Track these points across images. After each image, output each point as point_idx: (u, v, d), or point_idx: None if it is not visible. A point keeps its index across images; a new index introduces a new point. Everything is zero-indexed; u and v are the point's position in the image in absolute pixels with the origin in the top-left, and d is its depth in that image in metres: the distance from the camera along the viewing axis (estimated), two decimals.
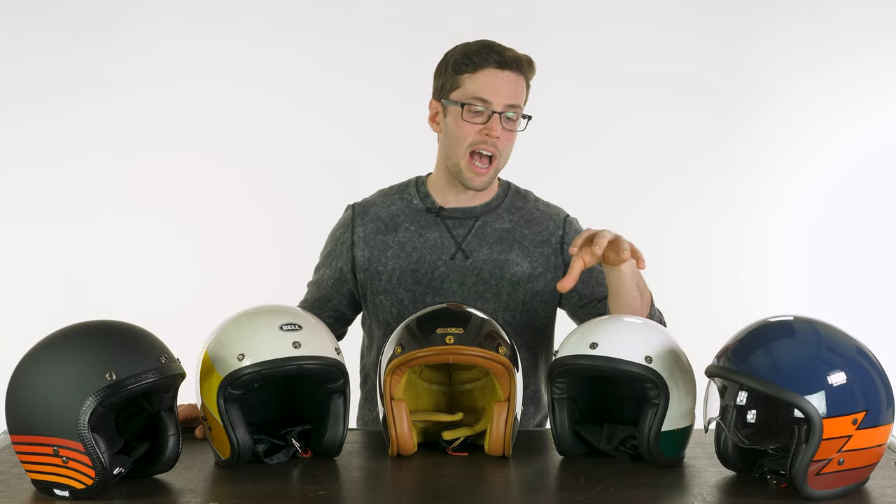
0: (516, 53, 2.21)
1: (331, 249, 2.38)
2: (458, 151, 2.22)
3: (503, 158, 2.24)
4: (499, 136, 2.18)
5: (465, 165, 2.22)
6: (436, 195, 2.32)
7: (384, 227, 2.31)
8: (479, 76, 2.18)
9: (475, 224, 2.30)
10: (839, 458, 1.65)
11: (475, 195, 2.30)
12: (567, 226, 2.33)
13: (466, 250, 2.28)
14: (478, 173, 2.22)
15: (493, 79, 2.18)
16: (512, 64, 2.19)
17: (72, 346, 1.70)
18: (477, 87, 2.18)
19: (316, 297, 2.38)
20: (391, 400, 1.88)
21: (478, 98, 2.18)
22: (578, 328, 1.93)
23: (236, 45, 4.00)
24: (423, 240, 2.29)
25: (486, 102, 2.18)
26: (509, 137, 2.22)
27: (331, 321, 2.34)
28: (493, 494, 1.76)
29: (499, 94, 2.18)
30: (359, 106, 3.99)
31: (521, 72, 2.21)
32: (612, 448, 1.90)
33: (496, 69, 2.18)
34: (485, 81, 2.18)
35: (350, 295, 2.37)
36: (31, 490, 1.72)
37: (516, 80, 2.20)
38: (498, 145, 2.20)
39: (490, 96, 2.18)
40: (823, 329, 1.72)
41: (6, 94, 3.98)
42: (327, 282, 2.37)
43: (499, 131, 2.18)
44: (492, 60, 2.18)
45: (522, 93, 2.23)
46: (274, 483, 1.77)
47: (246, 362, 1.80)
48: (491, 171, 2.22)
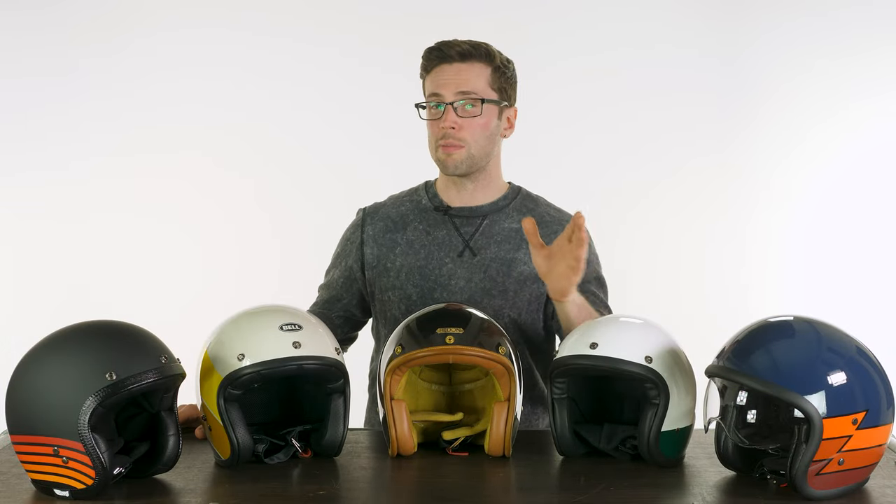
0: (465, 46, 2.25)
1: (341, 250, 2.41)
2: (431, 148, 2.29)
3: (474, 146, 2.25)
4: (453, 125, 2.22)
5: (439, 153, 2.26)
6: (443, 196, 2.36)
7: (393, 226, 2.34)
8: (432, 75, 2.26)
9: (483, 223, 2.31)
10: (839, 458, 1.65)
11: (477, 194, 2.32)
12: None
13: (474, 248, 2.29)
14: (447, 153, 2.25)
15: (442, 73, 2.24)
16: (459, 56, 2.24)
17: (72, 346, 1.70)
18: (430, 86, 2.26)
19: (326, 299, 2.40)
20: (391, 400, 1.88)
21: (431, 94, 2.25)
22: (578, 328, 1.93)
23: (237, 46, 4.00)
24: (431, 237, 2.31)
25: (438, 97, 2.24)
26: (471, 125, 2.24)
27: (341, 322, 2.37)
28: (493, 494, 1.76)
29: (448, 85, 2.23)
30: (359, 107, 3.99)
31: (473, 60, 2.25)
32: (612, 448, 1.90)
33: (444, 64, 2.24)
34: (434, 79, 2.25)
35: (360, 295, 2.39)
36: (31, 490, 1.72)
37: (467, 69, 2.24)
38: (458, 135, 2.23)
39: (440, 89, 2.24)
40: (823, 329, 1.72)
41: (7, 94, 3.99)
42: (337, 282, 2.39)
43: (452, 121, 2.22)
44: (436, 58, 2.25)
45: (476, 79, 2.25)
46: (274, 483, 1.77)
47: (246, 362, 1.80)
48: (461, 153, 2.25)
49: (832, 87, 3.98)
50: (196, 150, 4.01)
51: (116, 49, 3.97)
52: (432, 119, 2.26)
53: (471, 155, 2.25)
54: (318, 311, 2.37)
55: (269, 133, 4.02)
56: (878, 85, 3.96)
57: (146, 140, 3.99)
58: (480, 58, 2.25)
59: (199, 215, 4.02)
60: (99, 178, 4.00)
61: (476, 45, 2.26)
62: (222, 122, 4.00)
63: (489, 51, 2.27)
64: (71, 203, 4.01)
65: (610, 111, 4.02)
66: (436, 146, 2.26)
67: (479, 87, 2.24)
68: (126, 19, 3.97)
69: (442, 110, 2.23)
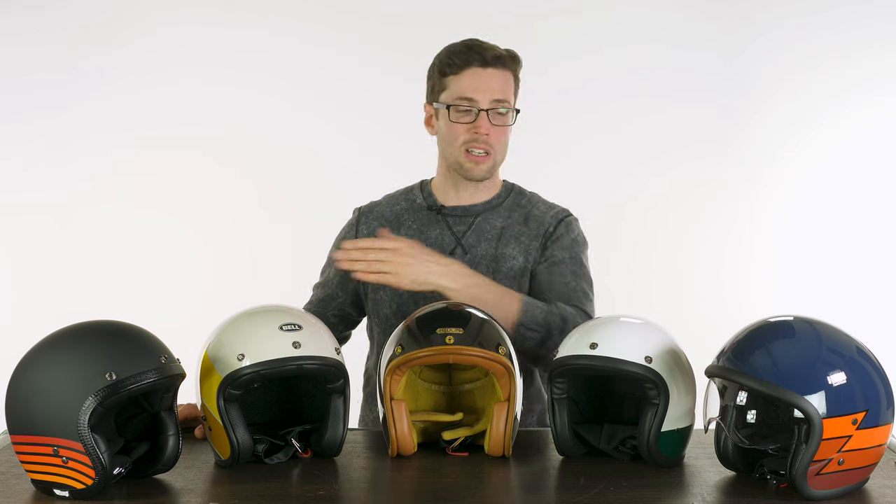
0: (498, 50, 2.25)
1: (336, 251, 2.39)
2: (454, 151, 2.27)
3: (499, 153, 2.28)
4: (488, 132, 2.22)
5: (464, 159, 2.26)
6: (438, 195, 2.36)
7: (387, 224, 2.35)
8: (463, 76, 2.23)
9: (475, 221, 2.32)
10: (839, 458, 1.65)
11: (475, 193, 2.33)
12: (561, 224, 2.32)
13: (465, 246, 2.30)
14: (476, 162, 2.25)
15: (477, 77, 2.23)
16: (494, 61, 2.23)
17: (72, 346, 1.70)
18: (461, 88, 2.23)
19: (321, 297, 2.41)
20: (391, 400, 1.88)
21: (463, 98, 2.23)
22: (578, 328, 1.93)
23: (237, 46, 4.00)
24: (423, 236, 2.32)
25: (472, 101, 2.22)
26: (501, 133, 2.25)
27: (335, 321, 2.37)
28: (493, 494, 1.76)
29: (483, 91, 2.22)
30: (359, 106, 3.99)
31: (505, 67, 2.25)
32: (612, 448, 1.90)
33: (479, 67, 2.23)
34: (469, 81, 2.23)
35: (355, 293, 2.39)
36: (31, 490, 1.72)
37: (501, 76, 2.24)
38: (489, 141, 2.24)
39: (475, 94, 2.22)
40: (823, 329, 1.72)
41: (6, 93, 3.99)
42: (332, 280, 2.39)
43: (487, 128, 2.22)
44: (474, 60, 2.23)
45: (509, 87, 2.26)
46: (274, 483, 1.77)
47: (246, 362, 1.80)
48: (489, 161, 2.26)
49: (832, 87, 3.98)
50: (197, 150, 4.01)
51: (117, 49, 3.98)
52: (461, 123, 2.24)
53: (495, 163, 2.29)
54: (313, 309, 2.38)
55: (270, 133, 4.02)
56: (878, 85, 3.96)
57: (146, 139, 4.00)
58: (511, 64, 2.26)
59: (199, 215, 4.02)
60: (99, 177, 4.01)
61: (509, 52, 2.26)
62: (223, 122, 4.00)
63: (516, 58, 2.27)
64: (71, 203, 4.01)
65: (609, 111, 4.02)
66: (461, 149, 2.25)
67: (509, 95, 2.26)
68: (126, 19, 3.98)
69: (474, 113, 2.22)
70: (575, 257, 2.30)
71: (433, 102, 2.29)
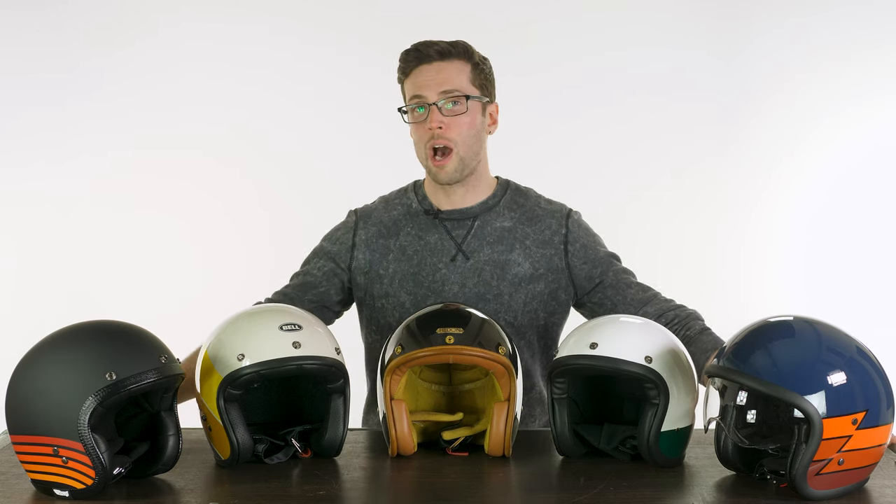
0: (444, 44, 2.22)
1: (329, 247, 2.34)
2: (421, 154, 2.25)
3: (462, 145, 2.22)
4: (440, 124, 2.19)
5: (430, 163, 2.24)
6: (431, 198, 2.32)
7: (386, 232, 2.31)
8: (411, 77, 2.23)
9: (474, 224, 2.29)
10: (839, 458, 1.65)
11: (466, 195, 2.29)
12: (570, 223, 2.31)
13: (467, 251, 2.27)
14: (439, 166, 2.22)
15: (423, 74, 2.22)
16: (439, 55, 2.22)
17: (72, 346, 1.70)
18: (411, 88, 2.23)
19: (300, 283, 2.33)
20: (391, 400, 1.88)
21: (413, 97, 2.22)
22: (578, 328, 1.92)
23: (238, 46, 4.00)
24: (423, 242, 2.28)
25: (420, 98, 2.21)
26: (457, 123, 2.21)
27: (312, 307, 2.26)
28: (493, 494, 1.76)
29: (429, 86, 2.20)
30: (359, 106, 3.98)
31: (452, 58, 2.22)
32: (612, 448, 1.90)
33: (423, 65, 2.22)
34: (416, 80, 2.22)
35: (340, 288, 2.33)
36: (31, 490, 1.72)
37: (449, 67, 2.22)
38: (445, 135, 2.20)
39: (422, 90, 2.21)
40: (823, 329, 1.72)
41: (6, 92, 3.99)
42: (320, 270, 2.33)
43: (438, 120, 2.19)
44: (415, 59, 2.22)
45: (458, 77, 2.22)
46: (274, 483, 1.77)
47: (246, 362, 1.80)
48: (453, 160, 2.22)
49: (832, 88, 3.98)
50: (196, 150, 4.01)
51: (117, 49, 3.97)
52: (417, 122, 2.22)
53: (461, 158, 2.22)
54: (289, 293, 2.30)
55: (270, 133, 4.02)
56: (879, 85, 3.96)
57: (146, 139, 4.00)
58: (459, 55, 2.23)
59: (199, 215, 4.02)
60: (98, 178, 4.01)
61: (454, 44, 2.23)
62: (223, 122, 4.00)
63: (467, 48, 2.24)
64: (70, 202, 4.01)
65: (610, 111, 4.02)
66: (425, 152, 2.22)
67: (461, 84, 2.22)
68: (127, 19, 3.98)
69: (425, 112, 2.20)
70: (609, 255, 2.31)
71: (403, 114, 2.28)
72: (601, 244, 2.34)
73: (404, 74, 2.25)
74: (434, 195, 2.32)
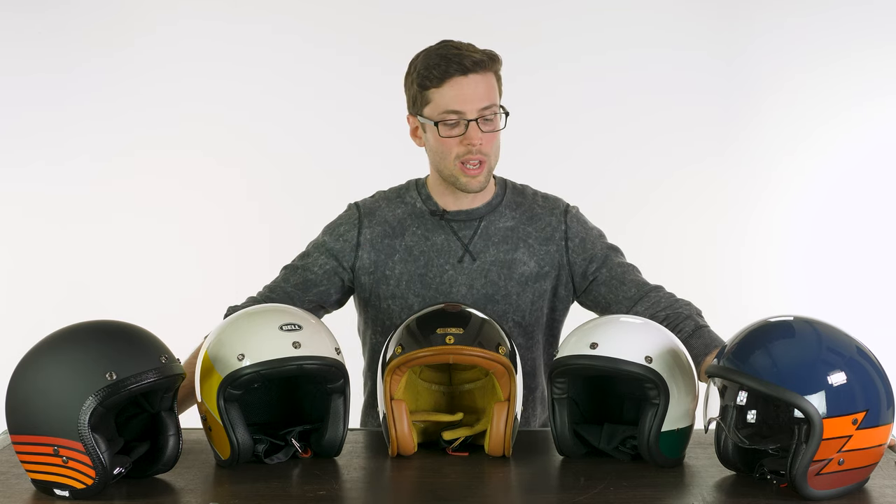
0: (475, 55, 2.15)
1: (331, 243, 2.29)
2: (448, 165, 2.19)
3: (493, 158, 2.20)
4: (481, 141, 2.15)
5: (459, 172, 2.18)
6: (437, 199, 2.29)
7: (391, 231, 2.28)
8: (445, 88, 2.13)
9: (480, 224, 2.28)
10: (839, 458, 1.65)
11: (474, 197, 2.28)
12: (569, 219, 2.30)
13: (473, 252, 2.26)
14: (473, 176, 2.18)
15: (460, 87, 2.13)
16: (475, 66, 2.13)
17: (72, 346, 1.70)
18: (446, 101, 2.13)
19: (301, 281, 2.27)
20: (391, 400, 1.88)
21: (450, 111, 2.14)
22: (578, 328, 1.92)
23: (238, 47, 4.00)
24: (429, 243, 2.27)
25: (459, 113, 2.13)
26: (492, 138, 2.18)
27: (312, 307, 2.24)
28: (493, 494, 1.76)
29: (469, 101, 2.13)
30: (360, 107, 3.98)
31: (486, 70, 2.15)
32: (612, 448, 1.90)
33: (460, 77, 2.13)
34: (452, 93, 2.13)
35: (339, 287, 2.29)
36: (31, 490, 1.72)
37: (484, 81, 2.15)
38: (482, 150, 2.16)
39: (461, 106, 2.13)
40: (823, 329, 1.72)
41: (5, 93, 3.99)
42: (320, 269, 2.27)
43: (479, 138, 2.14)
44: (453, 70, 2.12)
45: (493, 90, 2.17)
46: (274, 483, 1.77)
47: (246, 362, 1.80)
48: (484, 170, 2.19)
49: (832, 88, 3.98)
50: (196, 150, 4.01)
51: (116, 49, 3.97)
52: (452, 136, 2.15)
53: (490, 169, 2.21)
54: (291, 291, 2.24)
55: (270, 134, 4.02)
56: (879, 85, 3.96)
57: (146, 139, 3.99)
58: (491, 66, 2.16)
59: (199, 215, 4.02)
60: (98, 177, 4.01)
61: (488, 53, 2.16)
62: (223, 122, 4.00)
63: (495, 57, 2.18)
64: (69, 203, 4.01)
65: (610, 111, 4.02)
66: (455, 163, 2.17)
67: (495, 98, 2.16)
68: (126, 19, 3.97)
69: (463, 126, 2.14)
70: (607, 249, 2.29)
71: (417, 115, 2.19)
72: (600, 237, 2.32)
73: (434, 84, 2.14)
74: (441, 196, 2.29)
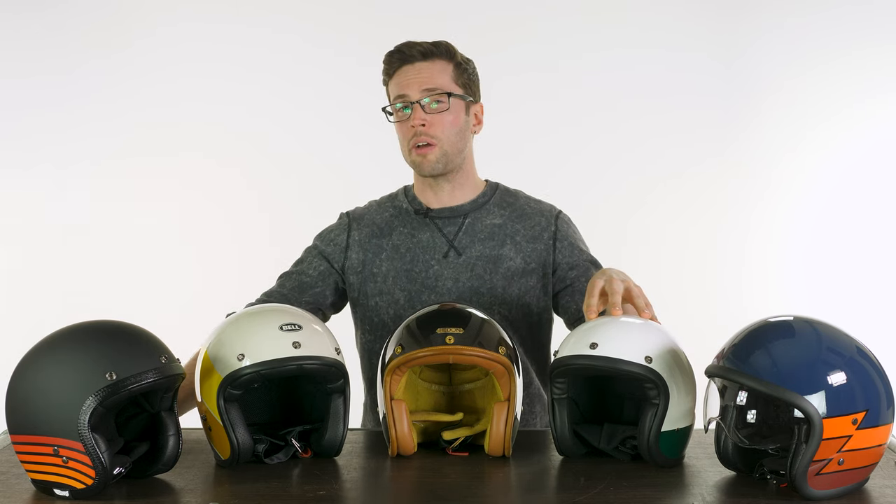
0: (424, 45, 2.26)
1: (322, 247, 2.37)
2: (405, 152, 2.29)
3: (445, 141, 2.26)
4: (423, 122, 2.23)
5: (414, 155, 2.26)
6: (421, 199, 2.36)
7: (379, 232, 2.34)
8: (395, 78, 2.27)
9: (465, 222, 2.32)
10: (839, 458, 1.65)
11: (454, 193, 2.33)
12: (559, 222, 2.35)
13: (458, 247, 2.30)
14: (423, 155, 2.25)
15: (405, 74, 2.25)
16: (421, 55, 2.25)
17: (72, 346, 1.70)
18: (394, 89, 2.27)
19: (296, 284, 2.33)
20: (391, 400, 1.88)
21: (396, 97, 2.25)
22: (578, 328, 1.92)
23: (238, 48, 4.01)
24: (415, 241, 2.31)
25: (404, 97, 2.25)
26: (440, 120, 2.24)
27: (308, 308, 2.27)
28: (493, 494, 1.76)
29: (411, 85, 2.24)
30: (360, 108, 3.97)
31: (434, 58, 2.26)
32: (612, 448, 1.90)
33: (406, 66, 2.25)
34: (398, 80, 2.26)
35: (334, 289, 2.35)
36: (31, 490, 1.72)
37: (430, 67, 2.25)
38: (429, 132, 2.24)
39: (404, 90, 2.25)
40: (823, 329, 1.72)
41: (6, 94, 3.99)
42: (314, 271, 2.34)
43: (421, 118, 2.23)
44: (398, 60, 2.26)
45: (440, 76, 2.25)
46: (274, 483, 1.77)
47: (246, 362, 1.80)
48: (435, 151, 2.25)
49: (833, 88, 3.98)
50: (197, 151, 4.02)
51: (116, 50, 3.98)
52: (400, 121, 2.26)
53: (444, 152, 2.26)
54: (287, 294, 2.30)
55: (270, 134, 4.03)
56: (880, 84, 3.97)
57: (146, 140, 4.00)
58: (441, 55, 2.26)
59: (199, 216, 4.02)
60: (99, 178, 4.01)
61: (436, 44, 2.27)
62: (223, 123, 4.00)
63: (449, 48, 2.28)
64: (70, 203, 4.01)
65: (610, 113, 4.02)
66: (409, 148, 2.26)
67: (443, 82, 2.25)
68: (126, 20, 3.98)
69: (409, 112, 2.24)
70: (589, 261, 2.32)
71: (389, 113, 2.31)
72: (586, 249, 2.36)
73: (388, 76, 2.29)
74: (423, 194, 2.35)
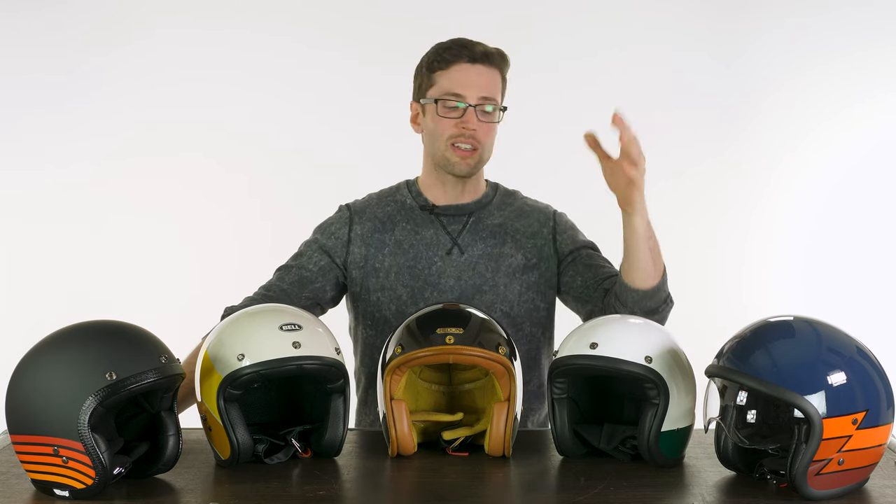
0: (487, 48, 2.26)
1: (323, 241, 2.34)
2: (440, 145, 2.27)
3: (486, 150, 2.28)
4: (475, 128, 2.23)
5: (450, 153, 2.26)
6: (427, 194, 2.36)
7: (381, 226, 2.33)
8: (452, 72, 2.24)
9: (469, 220, 2.33)
10: (839, 458, 1.65)
11: (464, 192, 2.33)
12: (557, 217, 2.39)
13: (462, 245, 2.30)
14: (463, 157, 2.26)
15: (466, 73, 2.24)
16: (483, 58, 2.24)
17: (72, 346, 1.70)
18: (450, 83, 2.24)
19: (296, 279, 2.31)
20: (391, 400, 1.88)
21: (452, 93, 2.24)
22: (578, 328, 1.93)
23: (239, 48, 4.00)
24: (419, 237, 2.31)
25: (460, 97, 2.23)
26: (488, 129, 2.26)
27: (308, 304, 2.27)
28: (493, 494, 1.76)
29: (472, 87, 2.23)
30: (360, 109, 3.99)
31: (493, 65, 2.26)
32: (612, 448, 1.90)
33: (468, 64, 2.24)
34: (457, 76, 2.24)
35: (334, 283, 2.33)
36: (31, 490, 1.72)
37: (489, 73, 2.25)
38: (477, 137, 2.24)
39: (463, 90, 2.23)
40: (823, 329, 1.72)
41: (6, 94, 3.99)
42: (314, 265, 2.31)
43: (475, 123, 2.23)
44: (463, 56, 2.24)
45: (496, 85, 2.27)
46: (274, 483, 1.77)
47: (246, 362, 1.80)
48: (475, 156, 2.26)
49: (833, 88, 3.98)
50: (197, 152, 4.01)
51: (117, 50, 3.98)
52: (449, 117, 2.24)
53: (482, 159, 2.29)
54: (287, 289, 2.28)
55: (271, 135, 4.02)
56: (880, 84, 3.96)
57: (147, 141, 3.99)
58: (498, 63, 2.27)
59: (199, 216, 4.02)
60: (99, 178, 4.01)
61: (498, 50, 2.27)
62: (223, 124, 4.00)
63: (506, 59, 2.28)
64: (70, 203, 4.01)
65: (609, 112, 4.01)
66: (447, 144, 2.25)
67: (496, 92, 2.27)
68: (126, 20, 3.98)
69: (462, 109, 2.23)
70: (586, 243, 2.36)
71: (420, 100, 2.30)
72: (584, 237, 2.40)
73: (442, 66, 2.24)
74: (430, 190, 2.35)
